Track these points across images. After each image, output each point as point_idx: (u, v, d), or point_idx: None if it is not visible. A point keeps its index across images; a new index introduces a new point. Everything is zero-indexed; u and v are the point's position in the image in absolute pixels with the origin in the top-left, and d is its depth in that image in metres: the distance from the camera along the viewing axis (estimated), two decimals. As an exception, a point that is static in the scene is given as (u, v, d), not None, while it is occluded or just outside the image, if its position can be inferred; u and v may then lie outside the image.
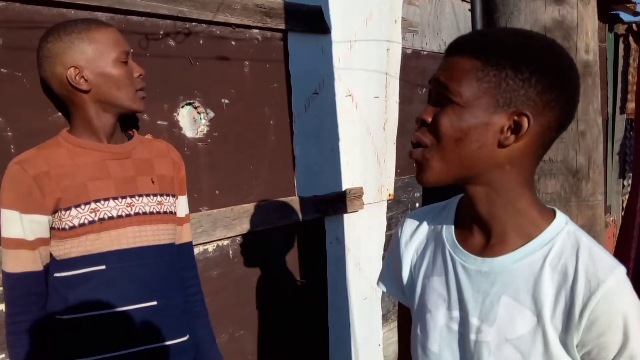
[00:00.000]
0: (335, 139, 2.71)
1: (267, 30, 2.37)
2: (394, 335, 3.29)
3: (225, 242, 2.26)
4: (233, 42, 2.25)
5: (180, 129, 2.08)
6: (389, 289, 1.12)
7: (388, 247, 1.15)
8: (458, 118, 0.83)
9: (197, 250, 2.12)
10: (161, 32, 2.00)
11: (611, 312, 0.81)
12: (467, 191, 0.91)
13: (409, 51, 3.29)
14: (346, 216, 2.80)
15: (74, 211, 1.35)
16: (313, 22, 2.54)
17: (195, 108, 2.14)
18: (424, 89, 3.45)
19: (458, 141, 0.84)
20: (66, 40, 1.39)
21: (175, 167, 1.59)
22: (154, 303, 1.44)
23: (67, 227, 1.35)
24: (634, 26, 6.08)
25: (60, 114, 1.73)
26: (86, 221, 1.36)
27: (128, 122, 1.79)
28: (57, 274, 1.38)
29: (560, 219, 0.89)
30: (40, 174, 1.33)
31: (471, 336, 0.90)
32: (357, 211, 2.84)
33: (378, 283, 1.15)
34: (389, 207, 3.16)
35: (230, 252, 2.29)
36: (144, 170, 1.49)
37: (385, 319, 3.22)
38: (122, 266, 1.40)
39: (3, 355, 1.65)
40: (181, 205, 1.63)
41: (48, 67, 1.43)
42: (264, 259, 2.44)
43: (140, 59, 1.93)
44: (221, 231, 2.19)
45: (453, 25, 3.66)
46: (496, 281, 0.88)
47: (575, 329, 0.82)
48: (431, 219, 1.03)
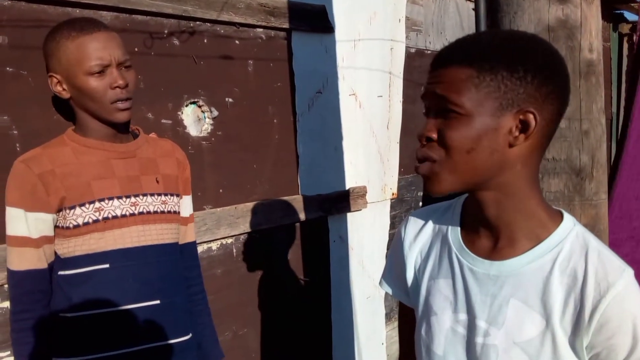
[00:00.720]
0: (339, 138, 2.71)
1: (271, 30, 2.38)
2: (397, 334, 3.29)
3: (229, 241, 2.27)
4: (237, 41, 2.26)
5: (185, 127, 2.09)
6: (392, 290, 1.11)
7: (390, 246, 1.14)
8: (466, 129, 0.83)
9: (201, 248, 2.13)
10: (166, 31, 2.01)
11: (621, 315, 0.81)
12: (476, 196, 0.90)
13: (412, 50, 3.29)
14: (349, 215, 2.80)
15: (78, 210, 1.35)
16: (317, 21, 2.54)
17: (200, 107, 2.15)
18: (428, 88, 3.45)
19: (470, 152, 0.83)
20: (54, 45, 1.37)
21: (180, 167, 1.58)
22: (157, 302, 1.44)
23: (71, 225, 1.35)
24: (638, 25, 6.07)
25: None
26: (90, 220, 1.36)
27: (134, 121, 1.80)
28: (61, 272, 1.38)
29: (568, 221, 0.89)
30: (45, 173, 1.33)
31: (478, 339, 0.89)
32: (360, 210, 2.84)
33: (380, 283, 1.14)
34: (393, 206, 3.16)
35: (234, 251, 2.30)
36: (149, 170, 1.48)
37: (389, 317, 3.22)
38: (125, 265, 1.40)
39: (8, 353, 1.66)
40: (185, 205, 1.62)
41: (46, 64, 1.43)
42: (268, 257, 2.45)
43: (145, 58, 1.94)
44: (225, 229, 2.20)
45: (457, 24, 3.66)
46: (505, 284, 0.88)
47: (585, 331, 0.82)
48: (435, 219, 1.02)
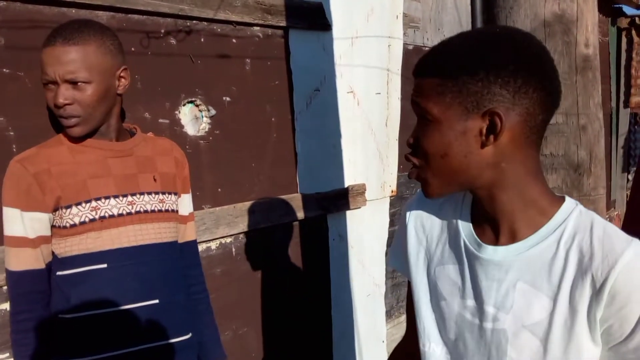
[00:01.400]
0: (337, 135, 2.71)
1: (268, 28, 2.38)
2: (398, 332, 3.29)
3: (228, 240, 2.27)
4: (234, 40, 2.25)
5: (182, 127, 2.08)
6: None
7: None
8: (436, 135, 0.86)
9: (200, 248, 2.12)
10: (162, 31, 2.01)
11: (631, 285, 0.81)
12: (473, 194, 0.93)
13: (410, 47, 3.29)
14: (349, 213, 2.80)
15: (74, 209, 1.35)
16: (314, 18, 2.54)
17: (197, 106, 2.14)
18: (426, 85, 3.44)
19: (444, 156, 0.87)
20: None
21: (178, 165, 1.58)
22: (156, 301, 1.43)
23: (68, 225, 1.35)
24: (636, 20, 6.06)
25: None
26: (87, 219, 1.36)
27: (132, 120, 1.80)
28: (60, 272, 1.38)
29: (569, 202, 0.90)
30: (41, 172, 1.33)
31: (487, 325, 0.90)
32: (359, 208, 2.84)
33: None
34: (392, 204, 3.16)
35: (233, 250, 2.30)
36: (146, 168, 1.48)
37: (389, 315, 3.22)
38: (123, 265, 1.39)
39: (7, 355, 1.66)
40: (185, 204, 1.61)
41: None
42: (267, 256, 2.45)
43: (142, 58, 1.94)
44: (224, 229, 2.19)
45: (455, 20, 3.66)
46: (510, 269, 0.88)
47: (597, 305, 0.82)
48: (445, 207, 1.03)
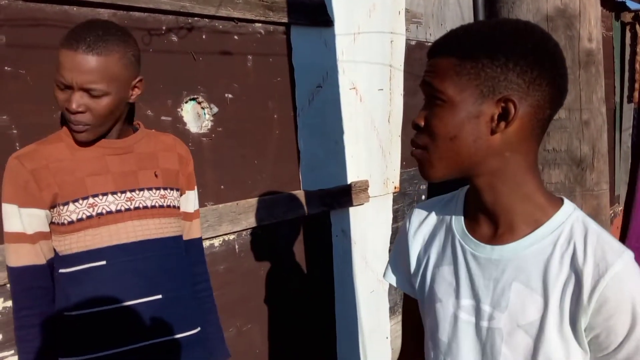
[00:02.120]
0: (340, 132, 2.71)
1: (270, 24, 2.37)
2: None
3: (231, 237, 2.27)
4: (236, 37, 2.25)
5: (185, 124, 2.08)
6: (396, 281, 1.12)
7: (395, 239, 1.15)
8: (448, 116, 0.85)
9: (203, 245, 2.13)
10: (164, 28, 2.01)
11: (619, 295, 0.81)
12: (472, 183, 0.92)
13: (413, 43, 3.28)
14: (352, 209, 2.80)
15: (71, 206, 1.35)
16: (316, 15, 2.53)
17: (199, 103, 2.14)
18: (429, 81, 3.44)
19: (453, 139, 0.85)
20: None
21: (182, 162, 1.56)
22: (159, 297, 1.43)
23: (65, 222, 1.35)
24: (640, 14, 6.03)
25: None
26: (84, 216, 1.35)
27: (135, 115, 1.80)
28: (61, 270, 1.38)
29: (568, 205, 0.90)
30: (38, 168, 1.33)
31: (483, 323, 0.90)
32: (362, 204, 2.84)
33: (385, 275, 1.15)
34: (395, 200, 3.16)
35: (237, 247, 2.30)
36: (147, 164, 1.47)
37: (393, 311, 3.22)
38: (123, 261, 1.38)
39: (12, 352, 1.67)
40: (190, 201, 1.60)
41: None
42: (270, 253, 2.45)
43: (144, 55, 1.93)
44: (227, 226, 2.20)
45: (457, 15, 3.64)
46: (507, 268, 0.89)
47: (584, 312, 0.82)
48: (439, 210, 1.04)
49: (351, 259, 2.82)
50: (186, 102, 2.09)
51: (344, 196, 2.72)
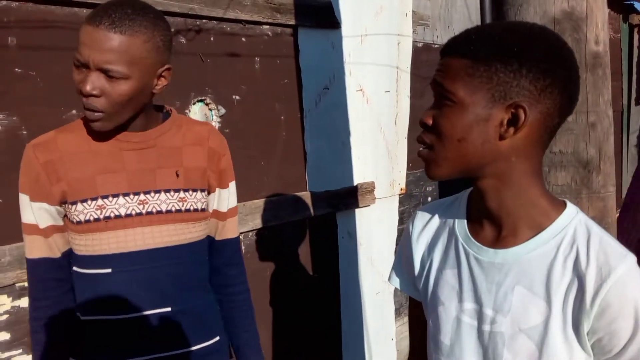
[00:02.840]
0: (347, 133, 2.71)
1: (277, 26, 2.38)
2: (407, 329, 3.29)
3: (238, 238, 2.28)
4: (243, 39, 2.26)
5: (192, 125, 2.10)
6: (400, 284, 1.12)
7: (399, 242, 1.15)
8: (457, 117, 0.84)
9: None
10: (172, 30, 2.01)
11: (622, 299, 0.81)
12: (476, 185, 0.91)
13: (420, 45, 3.28)
14: (358, 211, 2.80)
15: (79, 206, 1.26)
16: (323, 17, 2.54)
17: (207, 105, 2.16)
18: (436, 83, 3.44)
19: (461, 140, 0.85)
20: None
21: (212, 157, 1.41)
22: (168, 309, 1.32)
23: (74, 221, 1.27)
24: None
25: (74, 111, 1.76)
26: (91, 218, 1.26)
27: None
28: (75, 268, 1.32)
29: (571, 209, 0.90)
30: (51, 161, 1.26)
31: (485, 327, 0.90)
32: (368, 206, 2.85)
33: (389, 278, 1.15)
34: (401, 202, 3.16)
35: (243, 248, 2.31)
36: (169, 162, 1.33)
37: (398, 313, 3.22)
38: (129, 270, 1.28)
39: (20, 351, 1.69)
40: (223, 199, 1.45)
41: None
42: (276, 254, 2.46)
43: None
44: (233, 226, 2.20)
45: (465, 17, 3.64)
46: (510, 272, 0.88)
47: (587, 316, 0.82)
48: (442, 212, 1.04)
49: (357, 260, 2.82)
50: (194, 104, 2.11)
51: (350, 198, 2.73)
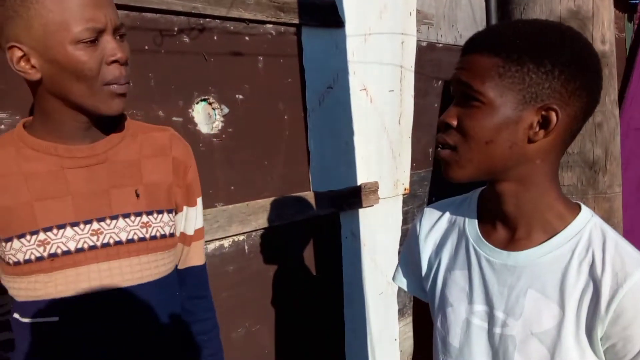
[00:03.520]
0: (350, 133, 2.71)
1: (281, 25, 2.38)
2: (410, 330, 3.27)
3: (241, 238, 2.28)
4: (247, 38, 2.25)
5: (195, 125, 2.09)
6: (406, 284, 1.11)
7: (404, 241, 1.13)
8: (486, 119, 0.81)
9: (212, 246, 2.14)
10: (175, 29, 2.01)
11: (638, 305, 0.80)
12: (494, 188, 0.89)
13: (424, 44, 3.27)
14: (361, 211, 2.80)
15: (16, 243, 1.00)
16: (327, 16, 2.53)
17: (210, 104, 2.15)
18: (440, 82, 3.43)
19: (489, 143, 0.82)
20: (17, 3, 0.93)
21: (177, 169, 1.17)
22: None
23: (11, 262, 1.01)
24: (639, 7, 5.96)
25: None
26: (32, 257, 1.00)
27: (145, 120, 1.80)
28: (15, 315, 1.07)
29: (585, 212, 0.89)
30: None
31: (496, 330, 0.89)
32: (372, 206, 2.84)
33: (394, 278, 1.13)
34: (405, 202, 3.15)
35: (246, 248, 2.30)
36: (126, 179, 1.08)
37: (402, 313, 3.21)
38: (79, 319, 1.04)
39: None
40: (189, 219, 1.22)
41: None
42: (280, 254, 2.45)
43: (155, 56, 1.95)
44: (237, 226, 2.20)
45: (469, 17, 3.63)
46: (522, 275, 0.87)
47: (601, 321, 0.81)
48: (451, 212, 1.02)
49: (360, 260, 2.81)
50: (197, 103, 2.10)
51: (353, 197, 2.72)
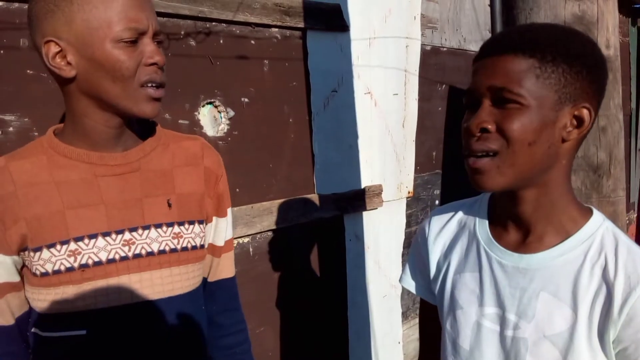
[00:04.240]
0: (354, 136, 2.72)
1: (286, 29, 2.39)
2: (414, 333, 3.28)
3: (246, 240, 2.29)
4: (253, 41, 2.27)
5: (201, 127, 2.11)
6: (415, 286, 1.10)
7: (411, 244, 1.12)
8: (527, 120, 0.81)
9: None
10: (182, 32, 2.03)
11: None
12: (517, 193, 0.88)
13: (428, 48, 3.28)
14: (365, 214, 2.80)
15: (46, 253, 0.97)
16: (332, 20, 2.55)
17: (216, 107, 2.16)
18: (444, 86, 3.43)
19: (532, 144, 0.82)
20: None
21: (209, 179, 1.15)
22: None
23: (38, 273, 0.98)
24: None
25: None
26: (62, 268, 0.97)
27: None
28: (34, 330, 1.04)
29: (597, 216, 0.89)
30: (2, 197, 0.97)
31: (508, 332, 0.89)
32: (376, 209, 2.84)
33: (401, 280, 1.12)
34: (409, 205, 3.16)
35: (251, 250, 2.31)
36: (158, 189, 1.06)
37: (405, 316, 3.21)
38: (109, 332, 1.01)
39: None
40: (220, 230, 1.20)
41: (32, 37, 0.99)
42: (284, 256, 2.46)
43: (162, 59, 1.96)
44: (241, 229, 2.21)
45: (473, 21, 3.64)
46: (535, 277, 0.88)
47: (613, 325, 0.82)
48: (461, 214, 1.02)
49: (364, 263, 2.82)
50: (203, 106, 2.12)
51: (357, 200, 2.73)
